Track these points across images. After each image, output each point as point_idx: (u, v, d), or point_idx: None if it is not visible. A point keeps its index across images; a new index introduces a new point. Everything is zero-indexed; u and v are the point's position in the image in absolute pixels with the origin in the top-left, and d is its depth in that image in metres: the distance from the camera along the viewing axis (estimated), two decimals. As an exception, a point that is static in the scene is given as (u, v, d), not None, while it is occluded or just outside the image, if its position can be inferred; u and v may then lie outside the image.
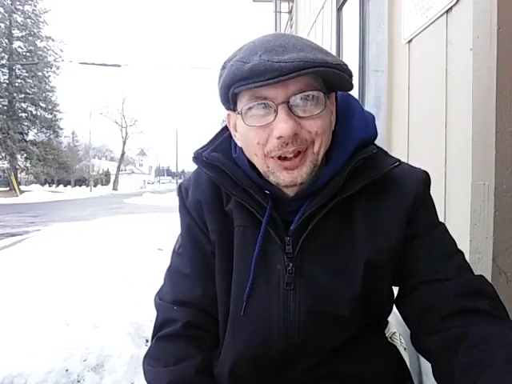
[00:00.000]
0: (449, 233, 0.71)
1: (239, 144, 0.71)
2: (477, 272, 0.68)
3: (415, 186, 0.69)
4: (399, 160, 0.70)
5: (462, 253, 0.69)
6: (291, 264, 0.68)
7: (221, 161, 0.71)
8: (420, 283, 0.67)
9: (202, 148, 0.76)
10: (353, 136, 0.69)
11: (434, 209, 0.73)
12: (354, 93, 2.62)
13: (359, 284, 0.67)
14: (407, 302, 0.70)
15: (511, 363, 0.50)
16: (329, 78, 0.62)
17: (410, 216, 0.68)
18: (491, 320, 0.59)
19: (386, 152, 0.73)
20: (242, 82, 0.60)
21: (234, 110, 0.67)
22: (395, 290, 0.75)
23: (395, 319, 0.94)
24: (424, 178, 0.72)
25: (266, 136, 0.63)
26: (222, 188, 0.73)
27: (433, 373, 0.63)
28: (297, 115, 0.62)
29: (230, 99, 0.65)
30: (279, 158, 0.63)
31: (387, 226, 0.68)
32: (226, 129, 0.77)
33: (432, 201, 0.73)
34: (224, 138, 0.77)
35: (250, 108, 0.62)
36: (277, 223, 0.69)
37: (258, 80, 0.58)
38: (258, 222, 0.69)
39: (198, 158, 0.74)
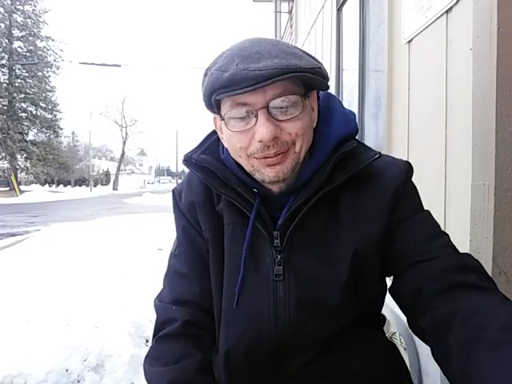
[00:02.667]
0: (433, 218, 0.73)
1: (226, 145, 0.74)
2: (476, 272, 0.68)
3: (397, 176, 0.72)
4: (379, 153, 0.72)
5: (447, 234, 0.70)
6: (279, 256, 0.70)
7: (209, 162, 0.74)
8: (407, 266, 0.68)
9: (191, 151, 0.79)
10: (334, 132, 0.72)
11: (418, 196, 0.75)
12: (354, 93, 2.63)
13: (346, 273, 0.68)
14: (398, 287, 0.71)
15: (506, 332, 0.51)
16: (305, 80, 0.65)
17: (393, 204, 0.70)
18: (481, 293, 0.60)
19: (367, 146, 0.75)
20: (222, 90, 0.63)
21: (219, 113, 0.70)
22: (389, 283, 0.75)
23: (395, 319, 0.94)
24: (405, 168, 0.74)
25: (248, 140, 0.66)
26: (212, 188, 0.75)
27: (432, 354, 0.63)
28: (276, 119, 0.64)
29: (213, 104, 0.68)
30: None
31: (371, 215, 0.70)
32: (214, 132, 0.81)
33: (415, 188, 0.75)
34: (212, 141, 0.80)
35: (231, 115, 0.65)
36: (265, 219, 0.72)
37: (236, 88, 0.61)
38: (246, 219, 0.72)
39: (187, 160, 0.77)
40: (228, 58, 0.64)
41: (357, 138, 0.75)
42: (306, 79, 0.64)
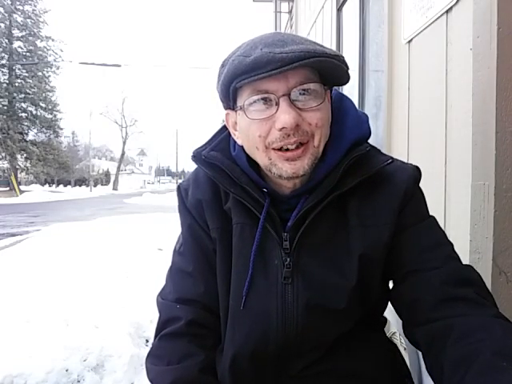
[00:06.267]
0: (439, 225, 0.72)
1: (239, 142, 0.72)
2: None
3: (405, 181, 0.71)
4: (392, 157, 0.71)
5: (450, 244, 0.70)
6: (288, 259, 0.69)
7: (219, 159, 0.73)
8: (408, 273, 0.68)
9: (201, 147, 0.77)
10: (346, 135, 0.71)
11: (425, 202, 0.74)
12: (354, 93, 2.63)
13: (354, 277, 0.68)
14: (397, 293, 0.71)
15: (498, 358, 0.51)
16: (327, 69, 0.64)
17: (400, 209, 0.70)
18: (477, 309, 0.60)
19: (379, 150, 0.74)
20: (245, 75, 0.61)
21: (234, 107, 0.68)
22: (391, 286, 0.75)
23: (395, 319, 0.94)
24: (414, 173, 0.73)
25: (267, 128, 0.64)
26: (220, 186, 0.74)
27: (425, 365, 0.64)
28: (297, 107, 0.63)
29: (230, 96, 0.67)
30: (280, 149, 0.65)
31: (379, 221, 0.70)
32: (224, 128, 0.79)
33: (422, 194, 0.75)
34: (223, 137, 0.78)
35: (251, 102, 0.64)
36: (274, 220, 0.71)
37: (261, 72, 0.59)
38: (255, 219, 0.71)
39: (197, 156, 0.76)
40: (251, 45, 0.63)
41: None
42: (331, 67, 0.63)
